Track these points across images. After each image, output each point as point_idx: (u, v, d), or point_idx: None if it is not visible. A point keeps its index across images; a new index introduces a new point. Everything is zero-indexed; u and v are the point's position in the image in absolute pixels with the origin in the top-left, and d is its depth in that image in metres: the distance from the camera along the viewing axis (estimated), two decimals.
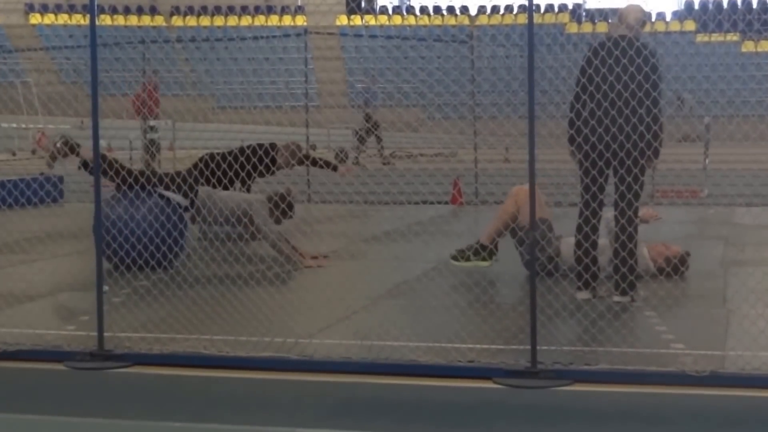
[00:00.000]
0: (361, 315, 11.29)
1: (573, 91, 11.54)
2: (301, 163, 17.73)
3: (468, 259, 13.09)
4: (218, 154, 15.75)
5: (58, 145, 14.41)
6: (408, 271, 13.96)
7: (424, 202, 20.60)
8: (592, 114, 11.11)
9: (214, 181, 15.35)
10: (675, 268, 13.28)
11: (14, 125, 35.25)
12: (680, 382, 8.38)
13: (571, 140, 11.55)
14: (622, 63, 10.92)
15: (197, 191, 14.34)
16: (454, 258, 13.54)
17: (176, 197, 14.06)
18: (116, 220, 13.59)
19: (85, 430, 7.49)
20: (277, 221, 14.79)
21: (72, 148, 14.15)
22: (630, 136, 11.13)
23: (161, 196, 14.09)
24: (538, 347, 8.72)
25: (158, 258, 12.97)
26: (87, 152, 13.56)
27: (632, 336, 10.04)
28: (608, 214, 13.77)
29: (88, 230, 9.73)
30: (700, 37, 60.55)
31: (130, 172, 14.12)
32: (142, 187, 13.93)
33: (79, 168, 14.33)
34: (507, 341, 9.27)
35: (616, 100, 10.92)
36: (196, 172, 15.16)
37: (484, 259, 13.69)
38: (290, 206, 14.91)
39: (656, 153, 11.57)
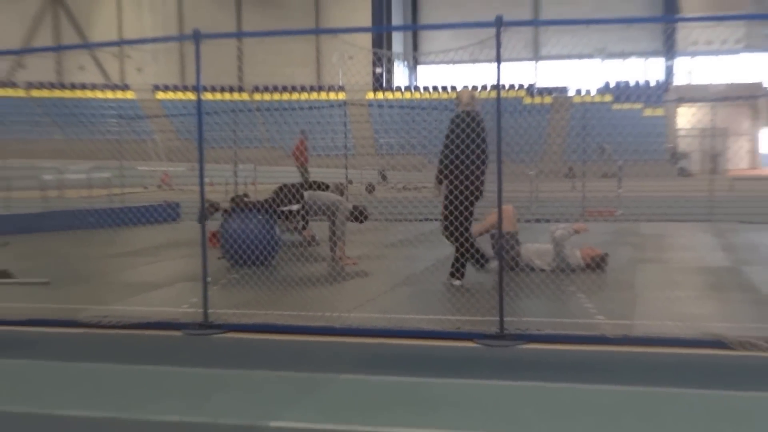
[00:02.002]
0: (383, 297, 11.29)
1: (444, 146, 11.77)
2: (341, 195, 17.87)
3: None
4: (292, 185, 15.86)
5: (207, 206, 14.40)
6: (415, 267, 13.98)
7: (426, 219, 20.58)
8: (457, 158, 11.49)
9: (289, 197, 15.54)
10: (598, 264, 13.30)
11: (146, 168, 35.31)
12: (602, 342, 8.40)
13: (439, 181, 11.95)
14: (473, 128, 11.47)
15: (303, 196, 14.60)
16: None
17: (290, 207, 14.32)
18: (232, 232, 13.87)
19: (197, 377, 7.50)
20: (357, 220, 14.97)
21: (216, 208, 14.48)
22: (479, 178, 11.60)
23: (282, 212, 14.36)
24: (504, 318, 8.75)
25: (261, 258, 13.29)
26: (225, 205, 13.78)
27: (569, 310, 10.03)
28: (552, 226, 13.78)
29: (197, 240, 9.75)
30: (615, 106, 60.42)
31: (247, 204, 14.45)
32: (260, 210, 14.22)
33: (222, 215, 14.56)
34: (483, 314, 9.28)
35: (464, 153, 11.38)
36: (277, 196, 15.30)
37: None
38: (365, 217, 15.14)
39: (481, 191, 11.83)
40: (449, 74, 66.96)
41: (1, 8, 68.91)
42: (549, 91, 63.52)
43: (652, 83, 64.63)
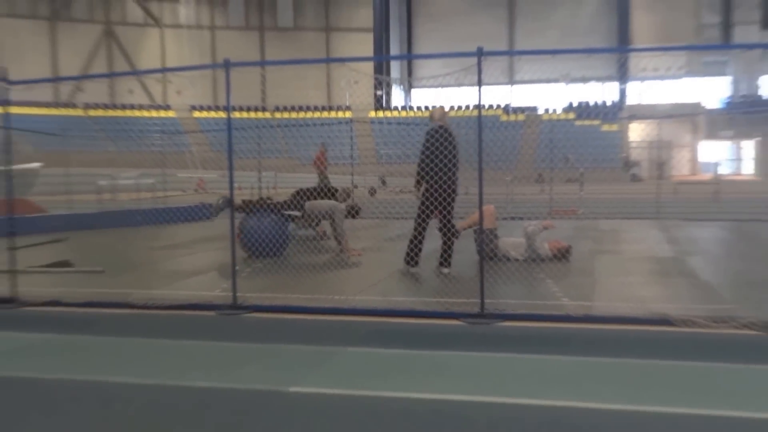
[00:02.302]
0: (383, 282, 11.28)
1: (420, 158, 11.85)
2: (348, 197, 17.83)
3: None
4: (306, 189, 15.84)
5: (220, 202, 14.33)
6: None
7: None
8: (432, 168, 11.63)
9: (298, 202, 15.60)
10: (563, 255, 13.29)
11: (185, 175, 35.32)
12: (567, 320, 8.40)
13: (418, 185, 11.96)
14: (444, 141, 11.63)
15: (304, 205, 14.55)
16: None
17: (292, 212, 14.27)
18: (250, 229, 13.80)
19: (228, 350, 7.51)
20: (352, 216, 15.15)
21: (228, 204, 14.28)
22: (451, 183, 11.72)
23: (284, 214, 14.31)
24: (485, 300, 8.75)
25: (274, 250, 13.25)
26: (237, 203, 13.73)
27: (539, 294, 10.02)
28: (525, 223, 13.79)
29: (227, 235, 9.75)
30: (578, 122, 60.44)
31: (260, 203, 14.37)
32: (270, 210, 14.15)
33: (237, 211, 14.41)
34: (467, 297, 9.27)
35: (439, 161, 11.54)
36: (293, 199, 15.30)
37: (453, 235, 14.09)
38: (357, 212, 15.31)
39: (456, 193, 11.92)
40: (438, 96, 66.98)
41: (64, 42, 68.97)
42: (522, 110, 63.46)
43: (609, 103, 64.60)
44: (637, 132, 56.40)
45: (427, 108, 69.33)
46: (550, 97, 65.65)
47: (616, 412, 5.56)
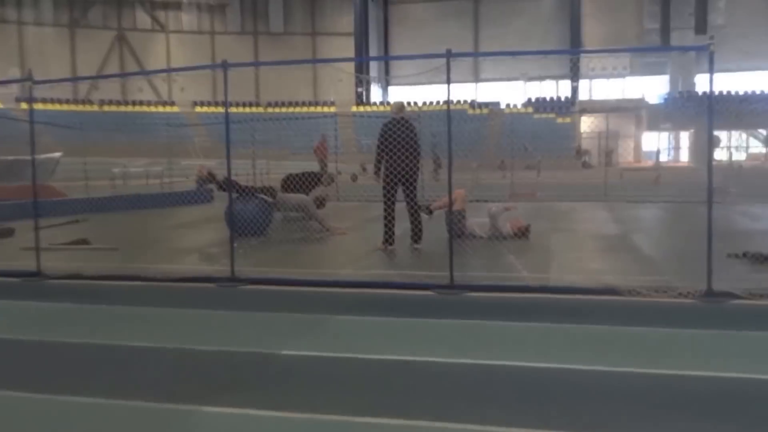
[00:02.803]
0: (364, 258, 11.25)
1: (376, 145, 11.79)
2: (331, 182, 17.75)
3: (421, 210, 13.10)
4: (293, 175, 15.74)
5: (205, 173, 14.30)
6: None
7: (399, 201, 20.55)
8: (388, 157, 11.59)
9: (290, 188, 15.45)
10: (523, 233, 13.28)
11: (188, 163, 35.14)
12: (526, 290, 8.42)
13: (376, 170, 11.84)
14: (397, 130, 11.52)
15: (276, 194, 14.38)
16: (423, 212, 13.82)
17: (267, 198, 14.07)
18: (240, 210, 13.65)
19: (227, 318, 7.51)
20: (319, 208, 15.03)
21: (213, 177, 14.09)
22: (406, 168, 11.62)
23: (260, 198, 14.15)
24: (454, 273, 8.76)
25: (258, 230, 13.12)
26: (220, 179, 13.56)
27: (502, 267, 10.05)
28: (489, 205, 13.79)
29: (223, 216, 9.70)
30: (536, 115, 60.52)
31: (244, 188, 14.11)
32: (249, 194, 13.95)
33: (217, 189, 14.23)
34: (439, 270, 9.27)
35: (398, 150, 11.48)
36: (281, 184, 15.19)
37: (426, 214, 14.41)
38: (323, 202, 15.23)
39: (416, 176, 11.92)
40: (412, 92, 66.85)
41: (82, 46, 68.50)
42: (486, 104, 63.39)
43: (563, 99, 64.69)
44: (587, 124, 56.43)
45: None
46: (510, 93, 65.65)
47: (571, 371, 5.59)
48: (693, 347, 6.29)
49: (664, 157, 58.84)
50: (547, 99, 64.88)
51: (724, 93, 58.03)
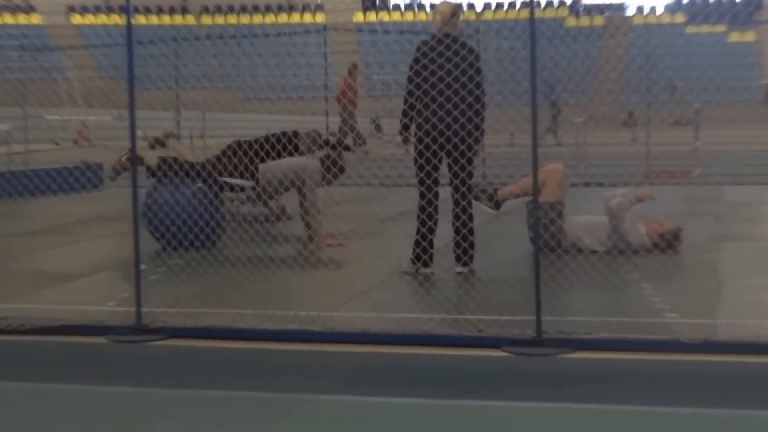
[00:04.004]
0: (378, 289, 11.29)
1: (405, 87, 11.68)
2: (320, 148, 17.68)
3: (478, 199, 13.07)
4: (245, 141, 15.67)
5: (123, 159, 14.31)
6: None
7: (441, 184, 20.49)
8: (426, 106, 11.38)
9: (241, 168, 15.26)
10: (669, 243, 13.27)
11: (57, 117, 35.20)
12: (675, 349, 8.37)
13: (405, 128, 11.81)
14: (441, 59, 11.15)
15: (258, 169, 14.36)
16: (475, 196, 13.55)
17: (240, 182, 14.07)
18: (163, 204, 13.60)
19: (125, 399, 7.50)
20: (329, 182, 14.86)
21: (139, 161, 14.08)
22: (456, 125, 11.37)
23: (225, 183, 14.15)
24: (542, 317, 8.73)
25: (202, 238, 13.14)
26: (152, 161, 13.59)
27: (630, 306, 10.04)
28: (606, 193, 13.80)
29: (128, 214, 9.72)
30: (690, 29, 60.42)
31: (187, 168, 14.06)
32: (201, 179, 13.97)
33: (147, 177, 14.18)
34: (513, 312, 9.26)
35: (442, 93, 11.22)
36: (225, 159, 15.08)
37: (491, 207, 13.87)
38: (342, 169, 14.99)
39: (477, 140, 11.84)
40: None
41: None
42: (600, 9, 63.53)
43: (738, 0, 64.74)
44: None
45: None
46: None
47: None
48: None
49: None
50: (711, 0, 64.92)
51: None
